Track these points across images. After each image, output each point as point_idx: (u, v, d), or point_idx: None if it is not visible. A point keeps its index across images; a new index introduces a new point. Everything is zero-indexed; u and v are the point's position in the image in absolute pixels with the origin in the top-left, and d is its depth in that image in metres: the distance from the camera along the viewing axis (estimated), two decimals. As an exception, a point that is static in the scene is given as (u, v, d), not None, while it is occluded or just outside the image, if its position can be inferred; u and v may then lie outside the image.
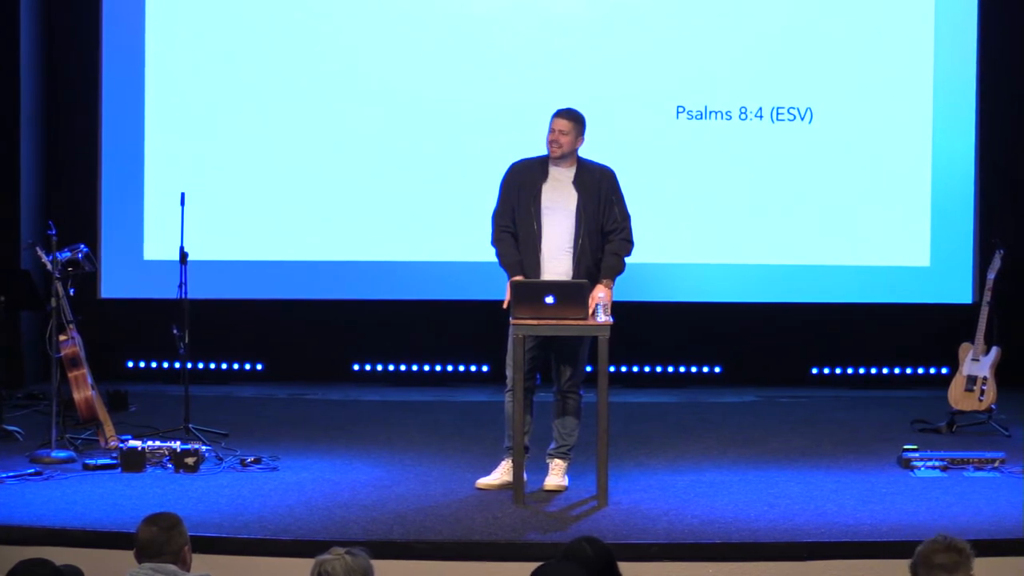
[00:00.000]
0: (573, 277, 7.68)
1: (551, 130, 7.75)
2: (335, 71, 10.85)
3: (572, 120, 7.76)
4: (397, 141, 10.86)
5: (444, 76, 10.85)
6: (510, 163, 7.95)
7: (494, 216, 7.90)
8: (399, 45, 10.85)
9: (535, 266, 7.75)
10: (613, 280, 7.77)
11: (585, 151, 7.88)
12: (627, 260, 7.87)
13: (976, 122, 10.91)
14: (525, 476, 7.62)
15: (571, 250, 7.74)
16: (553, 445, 7.88)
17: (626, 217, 7.83)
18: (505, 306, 7.65)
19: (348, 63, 10.86)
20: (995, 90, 10.97)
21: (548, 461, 7.86)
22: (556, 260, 7.75)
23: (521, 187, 7.79)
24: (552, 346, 7.80)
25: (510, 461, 7.73)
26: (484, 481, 7.85)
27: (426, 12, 10.87)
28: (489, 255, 7.96)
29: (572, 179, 7.78)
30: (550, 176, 7.79)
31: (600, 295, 7.63)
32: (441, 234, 10.78)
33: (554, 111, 7.83)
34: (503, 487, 7.72)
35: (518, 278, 7.68)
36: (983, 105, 10.92)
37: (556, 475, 7.81)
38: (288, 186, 10.87)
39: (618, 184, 7.85)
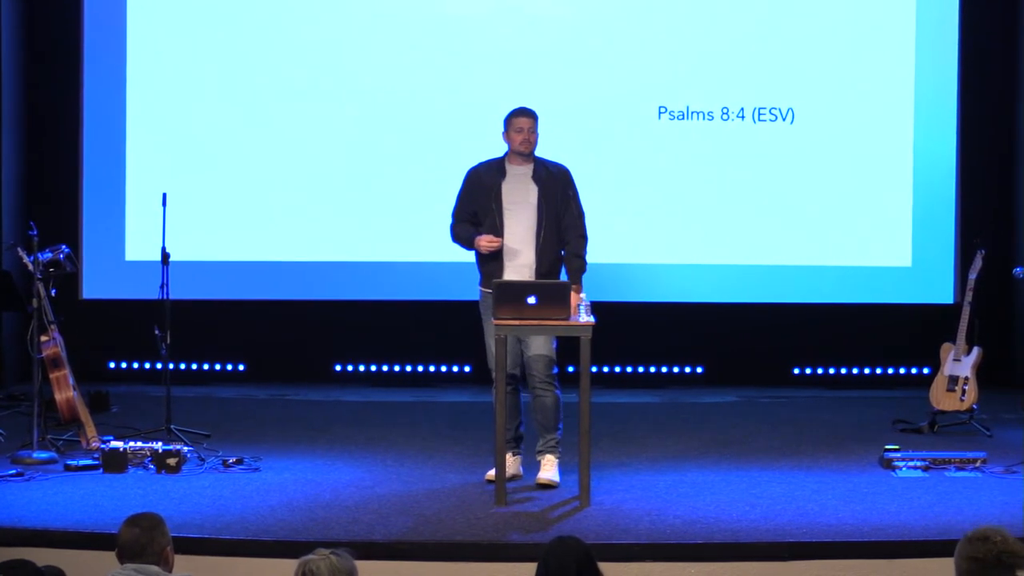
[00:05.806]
0: (536, 270, 7.81)
1: (521, 129, 7.86)
2: (316, 72, 10.84)
3: (535, 117, 7.93)
4: (378, 142, 10.86)
5: (425, 77, 10.84)
6: (467, 168, 8.05)
7: (452, 217, 8.01)
8: (380, 45, 10.84)
9: (498, 260, 7.84)
10: (581, 281, 7.86)
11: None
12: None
13: (957, 123, 10.93)
14: (521, 471, 7.84)
15: (534, 243, 7.84)
16: (540, 442, 7.91)
17: (581, 214, 7.96)
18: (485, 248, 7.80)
19: (329, 64, 10.85)
20: (976, 91, 11.00)
21: (539, 458, 7.90)
22: (519, 254, 7.85)
23: (480, 189, 7.92)
24: (524, 344, 7.85)
25: (510, 454, 7.81)
26: (493, 473, 7.82)
27: (407, 12, 10.86)
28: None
29: (531, 175, 7.91)
30: (508, 174, 7.92)
31: (582, 295, 7.67)
32: (422, 235, 10.75)
33: (511, 111, 7.94)
34: (511, 479, 7.75)
35: (487, 242, 7.76)
36: (964, 106, 10.94)
37: (548, 470, 7.83)
38: (269, 187, 10.86)
39: (573, 181, 7.99)
